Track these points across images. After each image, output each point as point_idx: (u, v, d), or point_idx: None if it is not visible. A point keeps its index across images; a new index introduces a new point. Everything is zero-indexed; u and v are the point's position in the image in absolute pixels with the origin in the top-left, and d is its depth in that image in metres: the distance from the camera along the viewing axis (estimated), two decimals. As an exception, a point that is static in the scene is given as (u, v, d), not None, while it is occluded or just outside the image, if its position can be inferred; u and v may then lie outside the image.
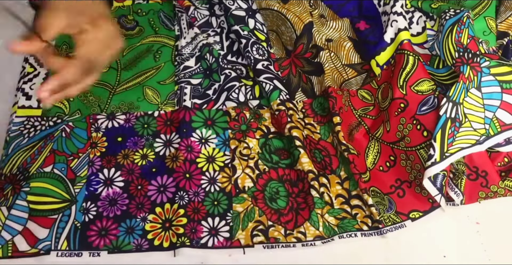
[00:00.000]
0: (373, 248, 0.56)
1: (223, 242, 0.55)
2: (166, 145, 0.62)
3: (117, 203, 0.57)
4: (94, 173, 0.59)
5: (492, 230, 0.57)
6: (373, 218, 0.57)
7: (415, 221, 0.56)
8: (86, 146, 0.61)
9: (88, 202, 0.57)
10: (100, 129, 0.62)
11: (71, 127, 0.62)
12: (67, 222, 0.55)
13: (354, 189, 0.59)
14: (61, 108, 0.64)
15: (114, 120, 0.63)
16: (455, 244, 0.56)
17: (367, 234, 0.56)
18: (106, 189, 0.58)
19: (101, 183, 0.59)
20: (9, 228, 0.54)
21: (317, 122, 0.64)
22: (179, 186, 0.58)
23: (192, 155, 0.61)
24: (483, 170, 0.56)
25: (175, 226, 0.55)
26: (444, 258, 0.55)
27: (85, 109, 0.64)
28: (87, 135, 0.62)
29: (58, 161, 0.59)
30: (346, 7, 0.71)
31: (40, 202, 0.56)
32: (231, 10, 0.69)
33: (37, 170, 0.58)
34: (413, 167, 0.57)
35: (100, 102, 0.65)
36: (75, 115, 0.64)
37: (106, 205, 0.57)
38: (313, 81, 0.67)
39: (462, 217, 0.58)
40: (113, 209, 0.57)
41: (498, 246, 0.56)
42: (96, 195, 0.58)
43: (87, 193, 0.58)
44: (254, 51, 0.67)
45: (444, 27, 0.60)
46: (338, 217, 0.57)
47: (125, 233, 0.55)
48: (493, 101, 0.57)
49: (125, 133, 0.62)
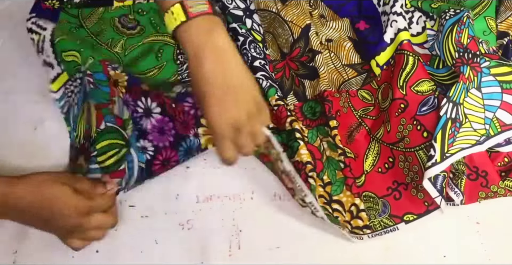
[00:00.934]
0: (372, 248, 0.56)
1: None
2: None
3: (164, 130, 0.59)
4: (133, 110, 0.60)
5: (492, 230, 0.57)
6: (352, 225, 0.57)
7: (408, 223, 0.56)
8: (111, 87, 0.60)
9: (141, 140, 0.59)
10: (117, 68, 0.62)
11: (91, 76, 0.60)
12: (133, 168, 0.57)
13: (336, 195, 0.59)
14: (75, 61, 0.62)
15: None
16: (455, 244, 0.56)
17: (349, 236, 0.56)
18: (149, 120, 0.59)
19: (142, 117, 0.60)
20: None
21: (305, 126, 0.64)
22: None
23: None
24: (483, 170, 0.56)
25: None
26: (444, 258, 0.55)
27: (97, 55, 0.63)
28: (105, 75, 0.61)
29: (105, 114, 0.58)
30: (346, 7, 0.71)
31: (106, 159, 0.56)
32: (229, 9, 0.69)
33: (96, 131, 0.58)
34: (411, 169, 0.57)
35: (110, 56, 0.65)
36: (88, 61, 0.62)
37: (157, 135, 0.59)
38: (305, 85, 0.67)
39: (462, 217, 0.58)
40: (165, 137, 0.59)
41: (498, 246, 0.56)
42: (144, 130, 0.59)
43: (137, 132, 0.59)
44: (252, 49, 0.67)
45: (444, 27, 0.60)
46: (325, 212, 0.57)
47: (184, 155, 0.58)
48: (493, 102, 0.57)
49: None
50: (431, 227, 0.57)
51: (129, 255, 0.55)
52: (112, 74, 0.61)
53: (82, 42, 0.65)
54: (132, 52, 0.70)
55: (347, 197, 0.59)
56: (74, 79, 0.62)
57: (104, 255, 0.55)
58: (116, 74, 0.60)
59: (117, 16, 0.73)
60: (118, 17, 0.73)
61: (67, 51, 0.62)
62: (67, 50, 0.62)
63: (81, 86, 0.61)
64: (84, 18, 0.72)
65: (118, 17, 0.73)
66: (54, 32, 0.63)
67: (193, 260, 0.55)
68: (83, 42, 0.65)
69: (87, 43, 0.65)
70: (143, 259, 0.55)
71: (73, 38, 0.65)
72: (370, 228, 0.56)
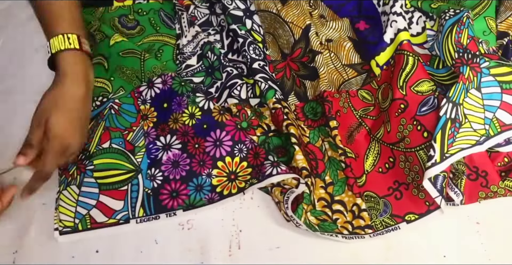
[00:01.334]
0: (373, 248, 0.56)
1: (286, 169, 0.56)
2: (206, 99, 0.62)
3: (179, 164, 0.59)
4: (151, 141, 0.61)
5: (492, 230, 0.57)
6: (353, 225, 0.57)
7: (410, 223, 0.56)
8: (138, 119, 0.63)
9: (152, 169, 0.59)
10: (147, 101, 0.64)
11: (118, 104, 0.64)
12: (138, 191, 0.58)
13: (338, 195, 0.59)
14: (104, 88, 0.66)
15: (154, 87, 0.64)
16: (455, 244, 0.56)
17: (347, 237, 0.56)
18: (166, 153, 0.60)
19: (160, 149, 0.61)
20: (83, 203, 0.57)
21: (307, 126, 0.65)
22: (234, 139, 0.60)
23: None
24: (483, 170, 0.57)
25: (242, 176, 0.59)
26: (444, 258, 0.55)
27: (127, 85, 0.66)
28: (135, 108, 0.64)
29: (114, 137, 0.62)
30: (346, 7, 0.71)
31: (106, 176, 0.59)
32: (229, 10, 0.69)
33: (96, 147, 0.60)
34: (411, 169, 0.57)
35: (136, 73, 0.66)
36: (119, 92, 0.65)
37: (170, 168, 0.59)
38: (306, 86, 0.67)
39: (462, 217, 0.58)
40: (178, 170, 0.59)
41: (498, 246, 0.56)
42: (158, 160, 0.60)
43: (149, 161, 0.60)
44: (251, 51, 0.67)
45: (444, 27, 0.60)
46: (319, 218, 0.58)
47: (195, 191, 0.58)
48: (493, 102, 0.57)
49: (166, 96, 0.64)
50: (431, 227, 0.57)
51: (129, 255, 0.55)
52: (143, 108, 0.64)
53: (111, 69, 0.67)
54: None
55: (349, 197, 0.59)
56: (93, 100, 0.65)
57: (104, 255, 0.55)
58: (147, 109, 0.64)
59: (117, 16, 0.73)
60: (118, 17, 0.73)
61: (98, 78, 0.66)
62: (97, 77, 0.66)
63: (99, 108, 0.64)
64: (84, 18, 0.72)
65: (118, 17, 0.73)
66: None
67: (193, 260, 0.55)
68: (112, 70, 0.67)
69: (116, 71, 0.67)
70: (143, 259, 0.55)
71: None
72: (372, 227, 0.57)
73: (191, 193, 0.58)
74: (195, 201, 0.58)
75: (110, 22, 0.72)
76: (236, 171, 0.59)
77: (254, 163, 0.59)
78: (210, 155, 0.59)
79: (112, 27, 0.71)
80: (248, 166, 0.59)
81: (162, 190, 0.58)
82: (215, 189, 0.58)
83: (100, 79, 0.66)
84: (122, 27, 0.72)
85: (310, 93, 0.66)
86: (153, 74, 0.65)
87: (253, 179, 0.58)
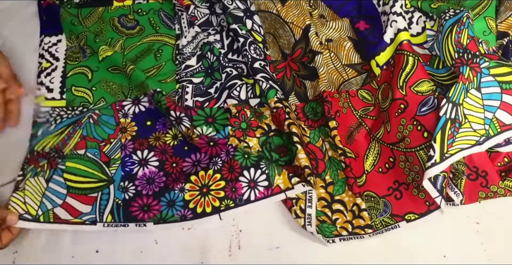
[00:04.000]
0: (373, 248, 0.56)
1: (264, 191, 0.56)
2: (177, 122, 0.62)
3: (154, 181, 0.59)
4: (127, 154, 0.61)
5: (492, 230, 0.57)
6: (353, 224, 0.57)
7: (410, 222, 0.57)
8: (116, 131, 0.63)
9: (125, 182, 0.59)
10: (128, 115, 0.64)
11: (98, 115, 0.64)
12: (108, 200, 0.57)
13: (338, 194, 0.59)
14: (85, 97, 0.66)
15: (140, 105, 0.64)
16: (455, 244, 0.56)
17: (346, 238, 0.56)
18: (142, 169, 0.60)
19: (136, 164, 0.60)
20: (50, 199, 0.56)
21: (307, 127, 0.65)
22: (212, 155, 0.59)
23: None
24: (483, 170, 0.57)
25: (214, 190, 0.57)
26: (444, 258, 0.55)
27: (110, 97, 0.66)
28: (115, 121, 0.63)
29: (90, 147, 0.61)
30: (346, 7, 0.71)
31: (77, 181, 0.58)
32: (229, 10, 0.69)
33: (70, 151, 0.60)
34: (412, 169, 0.57)
35: (124, 89, 0.66)
36: (99, 103, 0.65)
37: (144, 183, 0.59)
38: (306, 86, 0.67)
39: (462, 217, 0.58)
40: (151, 187, 0.58)
41: (498, 246, 0.56)
42: (133, 174, 0.59)
43: (124, 174, 0.59)
44: (252, 51, 0.67)
45: (444, 27, 0.60)
46: (319, 219, 0.58)
47: (167, 207, 0.57)
48: (493, 102, 0.57)
49: (152, 116, 0.63)
50: (431, 227, 0.57)
51: (129, 255, 0.55)
52: (122, 121, 0.63)
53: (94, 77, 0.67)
54: (131, 52, 0.70)
55: (349, 197, 0.59)
56: (73, 109, 0.64)
57: (104, 255, 0.55)
58: (127, 123, 0.63)
59: (117, 16, 0.73)
60: (117, 17, 0.73)
61: (79, 87, 0.66)
62: (78, 86, 0.66)
63: (78, 116, 0.63)
64: (84, 18, 0.72)
65: (117, 17, 0.73)
66: (66, 65, 0.68)
67: (193, 260, 0.55)
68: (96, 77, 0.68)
69: (100, 82, 0.67)
70: (143, 259, 0.55)
71: (76, 31, 0.69)
72: (372, 227, 0.57)
73: (163, 208, 0.57)
74: (167, 216, 0.56)
75: (110, 22, 0.72)
76: (208, 184, 0.57)
77: (228, 176, 0.58)
78: (186, 173, 0.59)
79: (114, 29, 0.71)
80: (221, 179, 0.58)
81: (133, 202, 0.57)
82: (187, 204, 0.57)
83: (81, 88, 0.66)
84: (122, 27, 0.72)
85: (310, 94, 0.66)
86: (140, 93, 0.65)
87: (229, 200, 0.56)
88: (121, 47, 0.70)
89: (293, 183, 0.56)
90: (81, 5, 0.73)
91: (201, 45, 0.69)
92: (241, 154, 0.59)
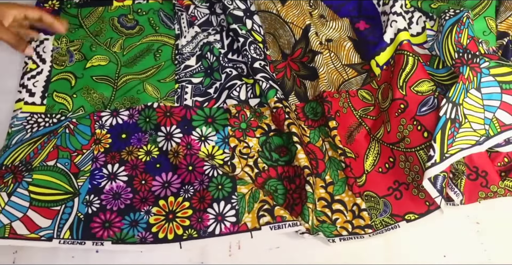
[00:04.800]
0: (373, 248, 0.56)
1: (230, 227, 0.55)
2: (167, 138, 0.61)
3: (120, 196, 0.58)
4: (97, 167, 0.60)
5: (492, 230, 0.57)
6: (353, 224, 0.57)
7: (410, 222, 0.57)
8: (90, 142, 0.62)
9: (91, 195, 0.58)
10: (105, 127, 0.63)
11: (75, 124, 0.63)
12: (70, 214, 0.56)
13: (338, 194, 0.59)
14: (64, 104, 0.65)
15: (118, 117, 0.64)
16: (455, 244, 0.56)
17: (346, 238, 0.56)
18: (110, 183, 0.59)
19: (104, 177, 0.59)
20: (8, 213, 0.54)
21: (307, 126, 0.65)
22: (184, 182, 0.58)
23: (192, 152, 0.61)
24: (483, 170, 0.57)
25: (180, 217, 0.55)
26: (444, 258, 0.55)
27: (89, 107, 0.65)
28: (91, 131, 0.62)
29: (62, 156, 0.60)
30: (346, 7, 0.71)
31: (42, 193, 0.57)
32: (229, 10, 0.69)
33: (40, 163, 0.59)
34: (412, 169, 0.57)
35: (104, 99, 0.66)
36: (78, 111, 0.65)
37: (110, 198, 0.58)
38: (306, 86, 0.67)
39: (462, 217, 0.58)
40: (117, 202, 0.57)
41: (498, 246, 0.56)
42: (100, 188, 0.58)
43: (91, 187, 0.58)
44: (252, 50, 0.67)
45: (444, 27, 0.60)
46: (319, 219, 0.58)
47: (129, 226, 0.55)
48: (493, 102, 0.57)
49: (129, 129, 0.63)
50: (431, 226, 0.57)
51: (129, 255, 0.55)
52: (98, 132, 0.62)
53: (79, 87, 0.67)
54: (130, 52, 0.70)
55: (349, 197, 0.59)
56: (51, 116, 0.64)
57: (104, 255, 0.55)
58: (102, 134, 0.62)
59: (116, 16, 0.73)
60: (117, 17, 0.73)
61: (60, 93, 0.66)
62: (60, 92, 0.66)
63: (55, 126, 0.63)
64: (83, 18, 0.72)
65: (117, 16, 0.73)
66: (52, 69, 0.68)
67: (193, 260, 0.55)
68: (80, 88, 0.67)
69: (82, 90, 0.67)
70: (143, 259, 0.55)
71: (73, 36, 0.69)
72: (372, 227, 0.57)
73: (125, 227, 0.55)
74: (127, 236, 0.54)
75: (110, 22, 0.72)
76: (175, 210, 0.56)
77: (197, 206, 0.56)
78: (155, 194, 0.58)
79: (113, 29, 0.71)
80: (189, 207, 0.56)
81: (96, 217, 0.56)
82: (150, 228, 0.55)
83: (61, 95, 0.66)
84: (121, 27, 0.72)
85: (310, 94, 0.66)
86: (122, 106, 0.65)
87: (192, 230, 0.54)
88: (120, 47, 0.70)
89: (261, 224, 0.55)
90: (81, 5, 0.73)
91: (201, 45, 0.69)
92: (215, 186, 0.57)
